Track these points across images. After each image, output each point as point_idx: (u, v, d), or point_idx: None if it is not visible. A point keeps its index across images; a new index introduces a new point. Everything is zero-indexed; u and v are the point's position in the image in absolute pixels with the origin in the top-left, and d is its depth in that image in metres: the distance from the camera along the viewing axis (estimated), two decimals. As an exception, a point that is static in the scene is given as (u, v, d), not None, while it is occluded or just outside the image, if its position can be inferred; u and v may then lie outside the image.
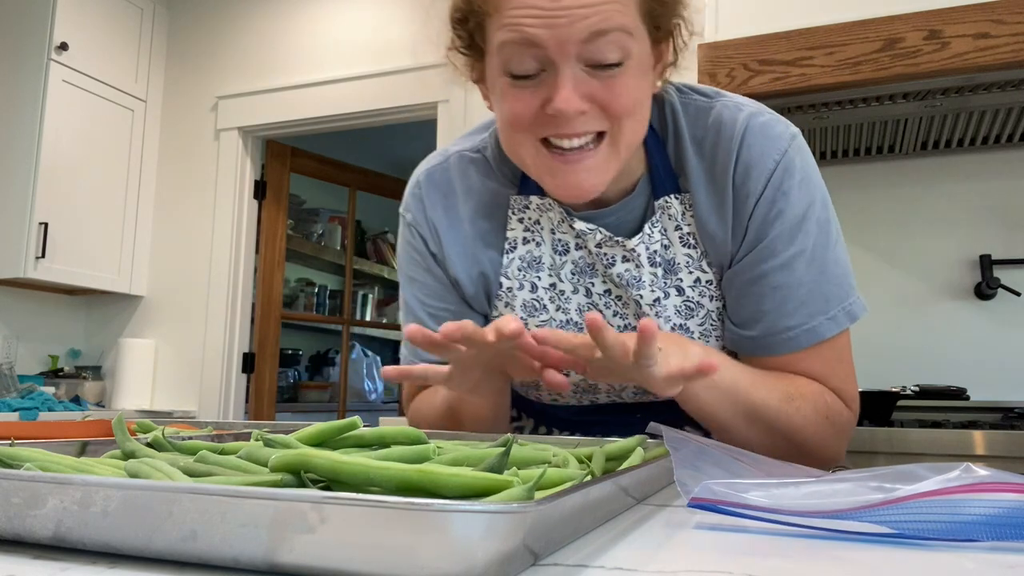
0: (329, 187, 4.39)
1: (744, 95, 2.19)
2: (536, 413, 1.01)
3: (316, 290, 4.78)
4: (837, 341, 0.85)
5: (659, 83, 0.86)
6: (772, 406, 0.81)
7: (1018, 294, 2.27)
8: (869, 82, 1.92)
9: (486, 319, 0.97)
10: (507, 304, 0.93)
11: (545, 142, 0.79)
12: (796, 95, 2.01)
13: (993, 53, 1.81)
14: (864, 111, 2.10)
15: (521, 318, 0.92)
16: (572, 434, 0.96)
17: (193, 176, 3.62)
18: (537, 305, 0.92)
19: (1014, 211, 2.36)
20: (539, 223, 0.92)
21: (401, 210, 1.01)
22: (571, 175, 0.79)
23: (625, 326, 0.90)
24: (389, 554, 0.32)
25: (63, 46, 3.19)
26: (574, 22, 0.72)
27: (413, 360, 0.96)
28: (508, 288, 0.93)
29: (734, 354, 0.90)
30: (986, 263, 2.31)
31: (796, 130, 0.87)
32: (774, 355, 0.85)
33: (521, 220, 0.92)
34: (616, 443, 0.62)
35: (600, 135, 0.79)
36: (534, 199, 0.91)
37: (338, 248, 4.70)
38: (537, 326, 0.91)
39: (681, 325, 0.88)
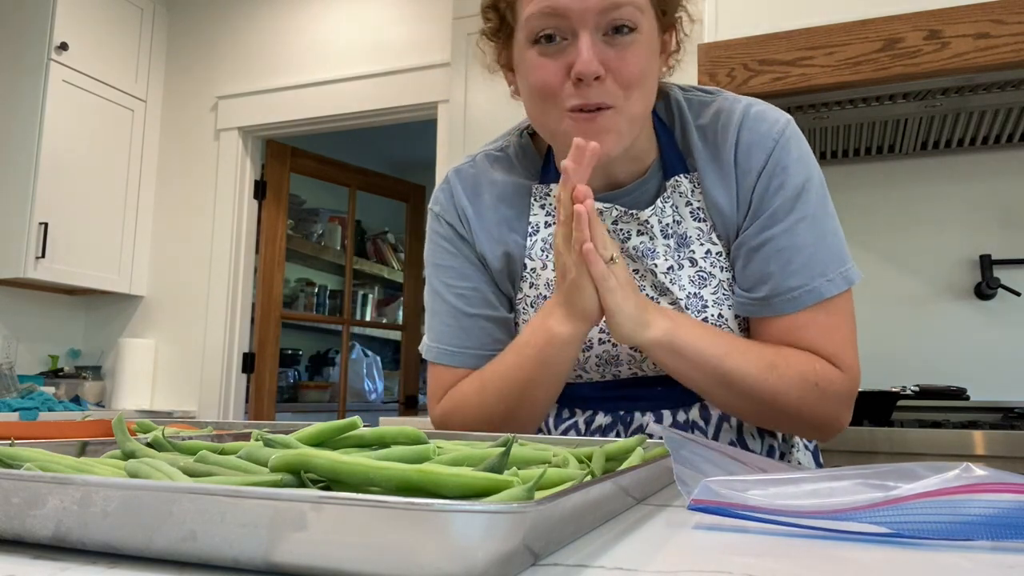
0: (329, 187, 4.39)
1: (744, 95, 2.19)
2: (561, 397, 1.04)
3: (316, 290, 4.78)
4: (837, 304, 0.91)
5: (664, 69, 0.95)
6: (750, 373, 0.86)
7: (1018, 294, 2.27)
8: (869, 82, 1.92)
9: (510, 302, 1.04)
10: (531, 284, 1.00)
11: (570, 111, 0.87)
12: (796, 95, 2.01)
13: (993, 53, 1.81)
14: (864, 111, 2.10)
15: (545, 296, 0.99)
16: (595, 413, 1.00)
17: (193, 176, 3.62)
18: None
19: (1014, 211, 2.36)
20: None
21: (430, 205, 1.09)
22: (593, 134, 0.85)
23: (644, 296, 0.96)
24: (389, 554, 0.32)
25: (63, 46, 3.19)
26: None
27: (445, 351, 1.02)
28: (532, 269, 0.99)
29: (745, 329, 0.97)
30: (986, 263, 2.31)
31: (789, 116, 0.96)
32: (780, 315, 0.91)
33: (543, 206, 1.00)
34: (616, 443, 0.62)
35: (610, 107, 0.87)
36: (554, 186, 0.98)
37: (338, 248, 4.70)
38: None
39: (695, 293, 0.94)
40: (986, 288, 2.29)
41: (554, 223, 0.98)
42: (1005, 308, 2.32)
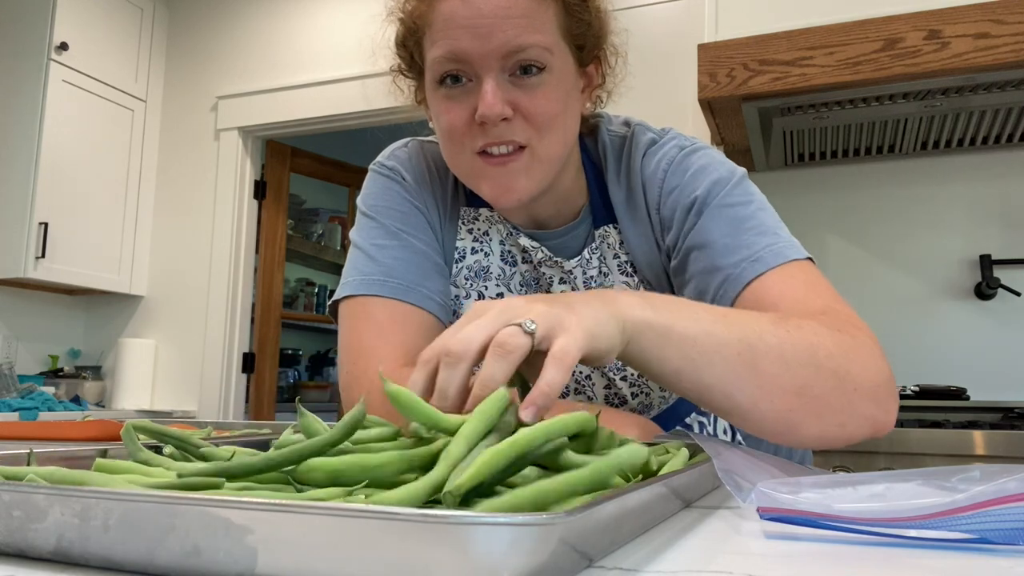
0: (329, 187, 4.38)
1: (744, 95, 2.19)
2: None
3: (316, 290, 4.77)
4: (799, 269, 0.77)
5: (588, 104, 0.89)
6: (767, 331, 0.64)
7: (1018, 294, 2.27)
8: (869, 82, 1.92)
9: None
10: (454, 312, 0.94)
11: (480, 153, 0.82)
12: (796, 95, 2.01)
13: (993, 53, 1.81)
14: (864, 111, 2.09)
15: None
16: None
17: (193, 176, 3.62)
18: None
19: (1014, 211, 2.36)
20: (488, 234, 0.95)
21: (380, 160, 1.01)
22: (502, 177, 0.81)
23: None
24: (402, 570, 0.30)
25: (63, 46, 3.18)
26: (494, 33, 0.77)
27: (399, 286, 0.89)
28: (456, 296, 0.94)
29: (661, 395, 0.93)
30: (986, 263, 2.31)
31: (676, 134, 0.90)
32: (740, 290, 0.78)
33: (471, 231, 0.95)
34: (662, 446, 0.60)
35: (522, 148, 0.81)
36: (483, 211, 0.94)
37: (338, 248, 4.70)
38: None
39: None
40: (986, 288, 2.29)
41: (480, 249, 0.94)
42: (1005, 308, 2.32)
